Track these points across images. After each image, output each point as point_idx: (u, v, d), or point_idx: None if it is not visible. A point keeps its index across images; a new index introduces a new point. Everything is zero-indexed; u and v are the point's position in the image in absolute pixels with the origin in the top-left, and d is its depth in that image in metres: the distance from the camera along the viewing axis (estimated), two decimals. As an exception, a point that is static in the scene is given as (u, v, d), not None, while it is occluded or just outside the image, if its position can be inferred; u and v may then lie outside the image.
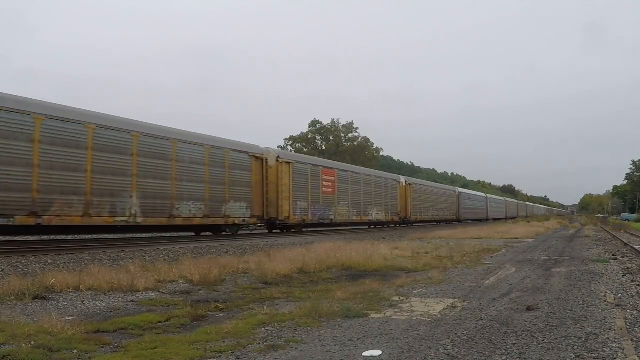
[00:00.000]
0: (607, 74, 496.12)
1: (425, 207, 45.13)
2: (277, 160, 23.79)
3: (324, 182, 27.86)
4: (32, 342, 4.49)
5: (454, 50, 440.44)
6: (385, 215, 36.46)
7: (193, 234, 21.63)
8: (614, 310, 6.20)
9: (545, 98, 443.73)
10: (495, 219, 68.18)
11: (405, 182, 41.34)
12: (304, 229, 26.78)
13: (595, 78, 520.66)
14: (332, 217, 28.76)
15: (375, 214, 34.64)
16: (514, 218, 76.40)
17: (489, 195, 76.28)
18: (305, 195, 25.86)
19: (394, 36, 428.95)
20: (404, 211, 39.86)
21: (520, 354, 4.28)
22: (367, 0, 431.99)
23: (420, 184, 46.08)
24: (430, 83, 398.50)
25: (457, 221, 53.90)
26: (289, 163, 24.54)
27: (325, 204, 27.92)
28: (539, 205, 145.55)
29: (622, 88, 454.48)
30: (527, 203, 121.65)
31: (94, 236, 17.73)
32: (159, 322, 5.61)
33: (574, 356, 4.22)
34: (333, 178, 29.06)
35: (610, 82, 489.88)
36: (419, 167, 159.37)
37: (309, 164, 27.18)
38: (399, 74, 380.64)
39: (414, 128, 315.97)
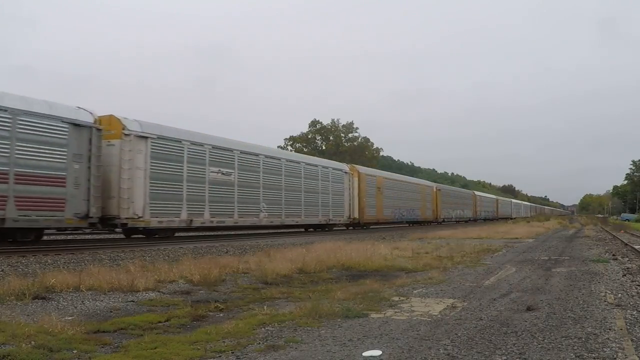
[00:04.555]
0: (612, 73, 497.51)
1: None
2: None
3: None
4: (32, 342, 4.49)
5: (463, 51, 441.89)
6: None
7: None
8: (614, 310, 6.20)
9: (551, 98, 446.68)
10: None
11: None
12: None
13: (601, 77, 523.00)
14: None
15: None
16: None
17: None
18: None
19: (401, 37, 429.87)
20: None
21: (520, 354, 4.28)
22: (378, 1, 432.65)
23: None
24: (437, 84, 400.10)
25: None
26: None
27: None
28: (538, 205, 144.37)
29: (625, 87, 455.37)
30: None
31: (94, 236, 17.72)
32: (159, 322, 5.60)
33: (574, 356, 4.21)
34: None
35: (614, 82, 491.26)
36: (419, 167, 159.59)
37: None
38: (405, 75, 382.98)
39: (416, 128, 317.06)
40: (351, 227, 31.95)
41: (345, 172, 30.80)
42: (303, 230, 27.54)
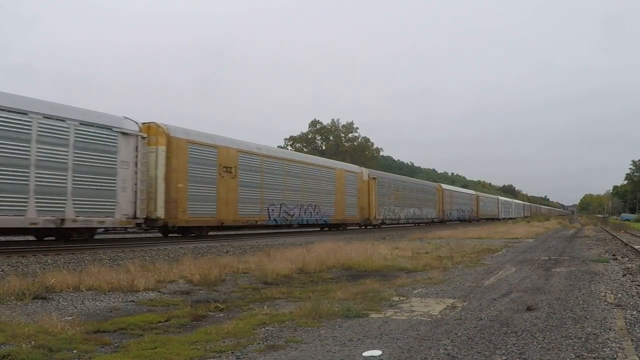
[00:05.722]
0: (613, 72, 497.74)
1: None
2: None
3: None
4: (32, 342, 4.49)
5: (464, 51, 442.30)
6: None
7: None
8: (614, 310, 6.20)
9: (552, 97, 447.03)
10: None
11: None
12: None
13: (602, 77, 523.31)
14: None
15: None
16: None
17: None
18: None
19: (401, 37, 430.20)
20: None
21: (520, 354, 4.28)
22: (380, 2, 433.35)
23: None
24: (437, 84, 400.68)
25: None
26: None
27: None
28: (535, 205, 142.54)
29: (625, 87, 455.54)
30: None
31: (94, 236, 17.69)
32: (159, 322, 5.60)
33: (574, 356, 4.21)
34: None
35: (615, 81, 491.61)
36: (419, 167, 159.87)
37: None
38: (405, 75, 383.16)
39: (416, 128, 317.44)
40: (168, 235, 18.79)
41: (125, 134, 15.88)
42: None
